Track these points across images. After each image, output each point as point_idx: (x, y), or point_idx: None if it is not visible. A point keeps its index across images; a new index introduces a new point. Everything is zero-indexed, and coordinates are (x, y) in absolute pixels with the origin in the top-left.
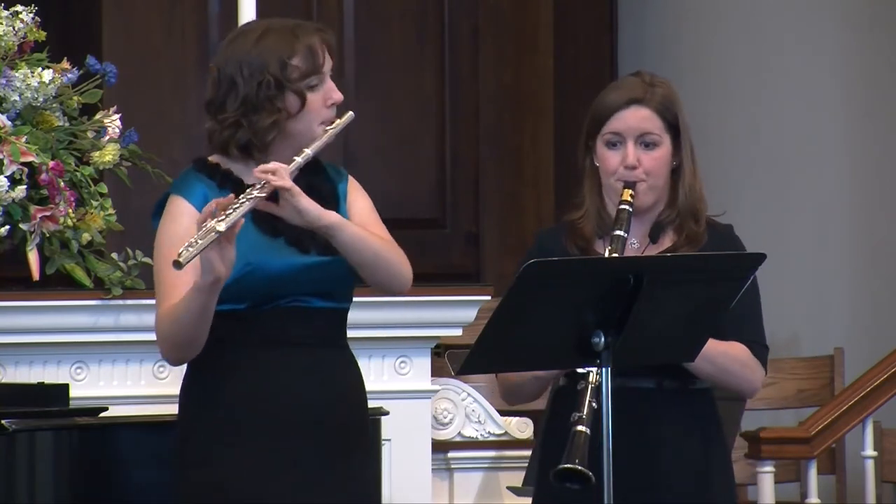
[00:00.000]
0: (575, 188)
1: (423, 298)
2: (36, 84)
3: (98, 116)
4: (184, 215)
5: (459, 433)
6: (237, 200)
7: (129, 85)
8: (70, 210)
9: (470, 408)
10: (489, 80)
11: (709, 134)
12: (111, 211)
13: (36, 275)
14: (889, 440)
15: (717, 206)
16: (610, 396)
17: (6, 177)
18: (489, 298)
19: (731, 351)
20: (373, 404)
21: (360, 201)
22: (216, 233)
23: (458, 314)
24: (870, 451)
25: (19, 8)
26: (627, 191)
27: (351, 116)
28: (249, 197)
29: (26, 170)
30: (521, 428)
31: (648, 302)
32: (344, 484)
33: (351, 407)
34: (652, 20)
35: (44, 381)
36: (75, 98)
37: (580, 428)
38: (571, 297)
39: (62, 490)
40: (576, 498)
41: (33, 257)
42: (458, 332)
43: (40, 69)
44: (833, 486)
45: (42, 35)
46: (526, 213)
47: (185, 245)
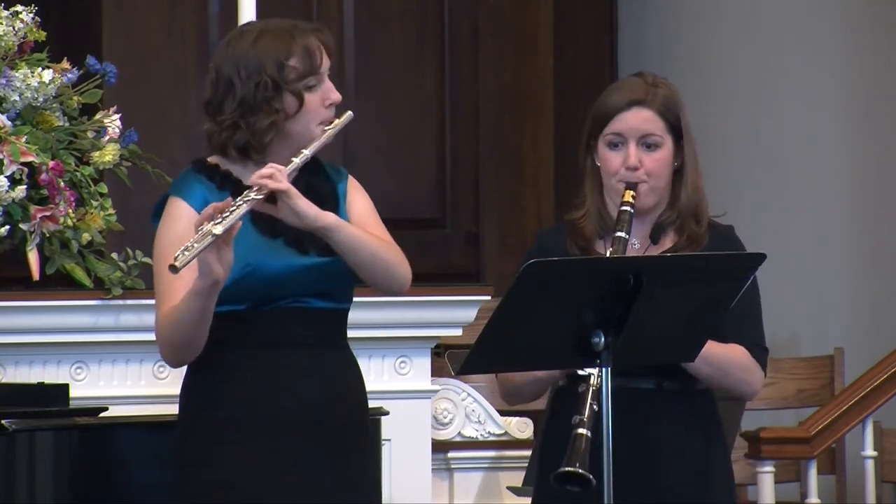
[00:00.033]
0: (575, 188)
1: (423, 298)
2: (36, 84)
3: (98, 116)
4: (183, 217)
5: (459, 433)
6: (234, 203)
7: (129, 85)
8: (70, 210)
9: (470, 408)
10: (489, 80)
11: (709, 134)
12: (111, 211)
13: (36, 275)
14: (889, 440)
15: (718, 207)
16: (610, 397)
17: (6, 177)
18: (489, 298)
19: (731, 353)
20: (373, 404)
21: (360, 201)
22: (213, 236)
23: (458, 314)
24: (870, 451)
25: (19, 8)
26: (629, 192)
27: (350, 116)
28: (246, 199)
29: (26, 170)
30: (521, 428)
31: (648, 302)
32: (344, 484)
33: (351, 407)
34: (652, 20)
35: (44, 381)
36: (75, 98)
37: (581, 431)
38: (571, 297)
39: (62, 490)
40: (576, 498)
41: (33, 257)
42: (458, 332)
43: (40, 69)
44: (833, 486)
45: (42, 35)
46: (526, 213)
47: (182, 249)
